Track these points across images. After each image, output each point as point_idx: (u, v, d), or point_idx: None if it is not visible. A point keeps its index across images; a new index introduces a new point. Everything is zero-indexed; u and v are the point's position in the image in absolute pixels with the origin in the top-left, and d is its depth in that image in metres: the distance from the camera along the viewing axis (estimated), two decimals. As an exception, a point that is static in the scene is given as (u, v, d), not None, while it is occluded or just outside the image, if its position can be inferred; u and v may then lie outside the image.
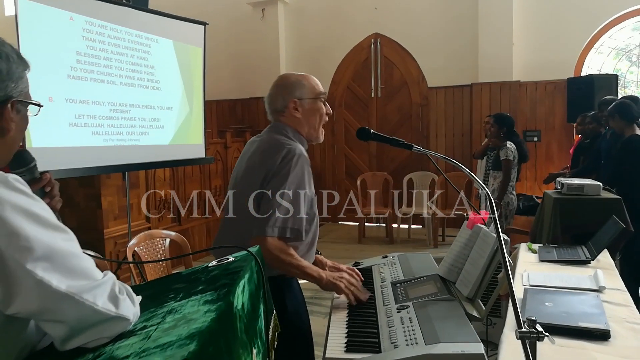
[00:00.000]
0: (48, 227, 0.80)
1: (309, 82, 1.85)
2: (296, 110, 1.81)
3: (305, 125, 1.83)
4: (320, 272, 1.72)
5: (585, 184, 3.18)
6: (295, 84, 1.83)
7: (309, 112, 1.83)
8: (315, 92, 1.84)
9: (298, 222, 1.65)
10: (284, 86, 1.84)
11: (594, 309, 1.86)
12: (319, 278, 1.70)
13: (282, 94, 1.83)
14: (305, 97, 1.82)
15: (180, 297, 0.98)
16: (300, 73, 1.90)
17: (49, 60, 3.43)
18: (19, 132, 0.96)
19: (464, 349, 1.23)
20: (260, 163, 1.71)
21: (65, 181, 4.22)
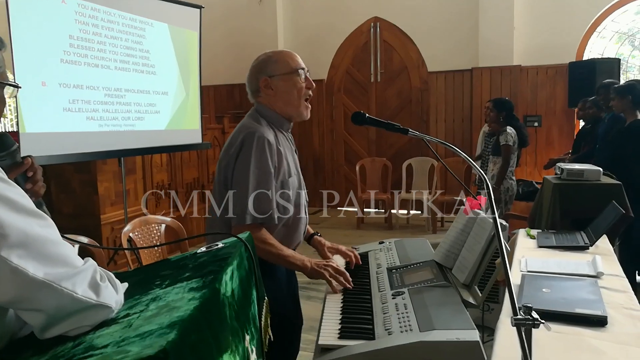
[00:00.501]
0: (23, 212, 0.77)
1: (282, 58, 1.77)
2: (269, 88, 1.76)
3: (281, 102, 1.77)
4: (305, 260, 1.69)
5: (585, 169, 3.15)
6: (266, 61, 1.77)
7: (283, 88, 1.76)
8: (289, 67, 1.76)
9: (265, 204, 1.63)
10: (256, 66, 1.79)
11: (592, 295, 1.84)
12: (303, 267, 1.68)
13: (254, 74, 1.79)
14: (277, 74, 1.75)
15: (166, 284, 0.95)
16: (275, 50, 1.83)
17: (41, 44, 3.38)
18: None
19: (459, 336, 1.20)
20: (223, 156, 1.72)
21: (61, 167, 4.20)
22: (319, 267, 1.68)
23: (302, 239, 1.89)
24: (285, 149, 1.76)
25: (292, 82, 1.76)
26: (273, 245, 1.65)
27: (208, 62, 6.35)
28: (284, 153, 1.73)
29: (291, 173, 1.75)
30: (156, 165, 5.19)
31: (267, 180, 1.65)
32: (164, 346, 0.62)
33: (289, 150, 1.80)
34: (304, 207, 1.84)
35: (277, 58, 1.77)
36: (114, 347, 0.69)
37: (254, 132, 1.66)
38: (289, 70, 1.76)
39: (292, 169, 1.76)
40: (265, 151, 1.64)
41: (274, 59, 1.77)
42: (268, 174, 1.65)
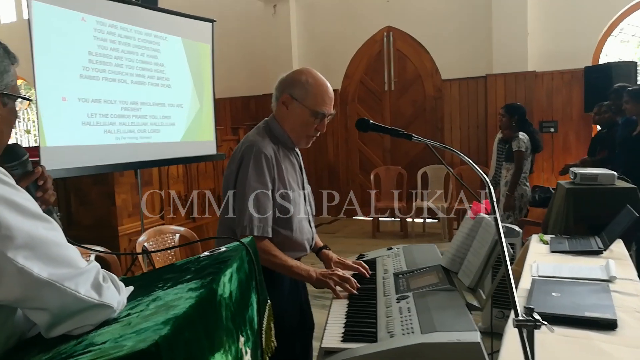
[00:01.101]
0: (29, 216, 0.81)
1: (315, 92, 1.74)
2: (284, 107, 1.77)
3: (288, 126, 1.78)
4: (310, 270, 1.71)
5: (599, 173, 3.11)
6: (300, 83, 1.75)
7: (297, 116, 1.76)
8: (313, 105, 1.74)
9: (264, 218, 1.66)
10: (291, 78, 1.78)
11: (602, 299, 1.82)
12: (309, 277, 1.70)
13: (283, 84, 1.79)
14: (300, 101, 1.74)
15: (168, 286, 0.99)
16: (318, 78, 1.77)
17: (62, 60, 3.50)
18: (7, 125, 0.97)
19: (460, 338, 1.21)
20: (227, 168, 1.77)
21: (80, 179, 4.30)
22: (324, 276, 1.71)
23: (307, 251, 1.89)
24: (287, 164, 1.78)
25: (306, 119, 1.75)
26: (277, 256, 1.68)
27: (223, 74, 6.46)
28: (284, 168, 1.75)
29: (293, 188, 1.77)
30: (172, 177, 5.28)
31: (265, 193, 1.68)
32: (156, 340, 0.65)
33: (291, 166, 1.81)
34: (308, 222, 1.86)
35: (311, 88, 1.74)
36: (111, 343, 0.72)
37: (253, 146, 1.70)
38: (312, 108, 1.74)
39: (294, 185, 1.78)
40: (262, 165, 1.67)
41: (309, 86, 1.74)
42: (265, 186, 1.68)
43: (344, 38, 7.42)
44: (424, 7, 6.89)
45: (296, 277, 1.72)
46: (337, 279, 1.70)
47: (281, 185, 1.73)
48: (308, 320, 1.96)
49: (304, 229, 1.81)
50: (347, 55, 7.45)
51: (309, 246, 1.87)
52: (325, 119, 1.79)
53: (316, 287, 1.71)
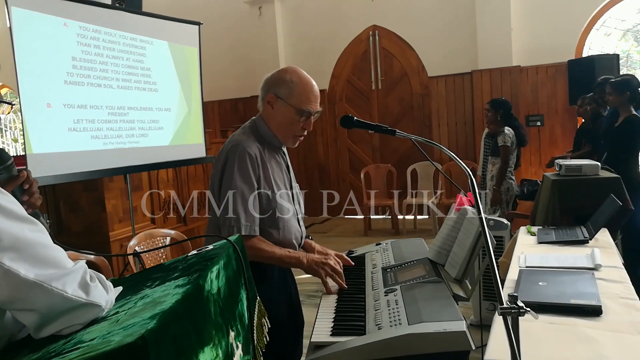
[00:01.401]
0: (15, 218, 0.82)
1: (300, 91, 1.74)
2: (269, 105, 1.77)
3: (275, 125, 1.78)
4: (301, 256, 1.71)
5: (583, 164, 3.16)
6: (285, 82, 1.75)
7: (281, 115, 1.75)
8: (299, 104, 1.73)
9: (250, 217, 1.67)
10: (276, 77, 1.78)
11: (587, 287, 1.86)
12: (299, 263, 1.70)
13: (270, 83, 1.78)
14: (285, 100, 1.74)
15: (156, 284, 1.00)
16: (303, 76, 1.77)
17: (45, 66, 3.48)
18: None
19: (446, 327, 1.24)
20: (213, 167, 1.78)
21: (70, 186, 4.29)
22: (316, 265, 1.70)
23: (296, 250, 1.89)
24: (272, 163, 1.78)
25: (292, 117, 1.75)
26: (263, 249, 1.67)
27: (211, 77, 6.47)
28: (269, 167, 1.75)
29: (280, 187, 1.77)
30: (162, 181, 5.27)
31: (251, 192, 1.68)
32: (143, 334, 0.67)
33: (277, 166, 1.82)
34: (297, 221, 1.86)
35: (296, 86, 1.74)
36: (99, 340, 0.73)
37: (238, 146, 1.70)
38: (297, 107, 1.74)
39: (280, 184, 1.78)
40: (246, 164, 1.68)
41: (294, 85, 1.74)
42: (250, 185, 1.68)
43: (330, 38, 7.44)
44: (409, 5, 6.93)
45: (287, 265, 1.72)
46: (328, 270, 1.71)
47: (267, 185, 1.73)
48: (299, 316, 1.97)
49: (292, 227, 1.81)
50: (334, 55, 7.47)
51: (297, 245, 1.87)
52: (312, 117, 1.79)
53: (307, 272, 1.71)
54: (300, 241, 1.90)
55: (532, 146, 6.40)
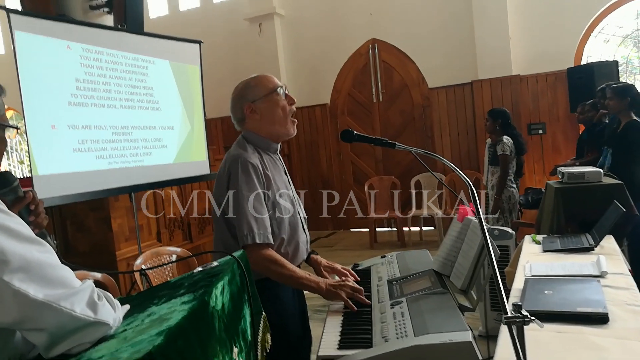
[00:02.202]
0: (23, 240, 0.84)
1: (259, 81, 1.83)
2: (254, 113, 1.81)
3: (269, 124, 1.81)
4: (320, 281, 1.70)
5: (585, 171, 3.16)
6: (245, 88, 1.82)
7: (267, 110, 1.80)
8: (268, 88, 1.81)
9: (261, 224, 1.67)
10: (237, 95, 1.85)
11: (594, 294, 1.85)
12: (318, 289, 1.68)
13: (237, 102, 1.84)
14: (258, 97, 1.80)
15: (162, 301, 1.01)
16: (252, 76, 1.86)
17: (49, 89, 3.53)
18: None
19: (452, 338, 1.24)
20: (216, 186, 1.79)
21: (76, 206, 4.32)
22: (334, 287, 1.69)
23: (305, 256, 1.92)
24: (273, 170, 1.80)
25: (274, 101, 1.81)
26: (284, 267, 1.66)
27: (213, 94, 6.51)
28: (271, 175, 1.77)
29: (282, 193, 1.79)
30: (167, 199, 5.29)
31: (259, 201, 1.69)
32: (150, 350, 0.68)
33: (277, 171, 1.84)
34: (302, 225, 1.88)
35: (254, 83, 1.83)
36: (108, 357, 0.74)
37: (238, 158, 1.72)
38: (269, 90, 1.81)
39: (282, 189, 1.80)
40: (250, 174, 1.69)
41: (252, 84, 1.83)
42: (259, 195, 1.69)
43: (330, 52, 7.51)
44: (407, 18, 7.00)
45: (305, 288, 1.71)
46: (348, 290, 1.69)
47: (272, 192, 1.75)
48: (307, 331, 1.97)
49: (298, 232, 1.82)
50: (334, 69, 7.54)
51: (305, 250, 1.88)
52: (287, 92, 1.85)
53: (327, 298, 1.70)
54: (307, 246, 1.91)
55: (534, 154, 6.41)
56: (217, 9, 8.21)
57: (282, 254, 1.77)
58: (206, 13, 8.25)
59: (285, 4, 7.76)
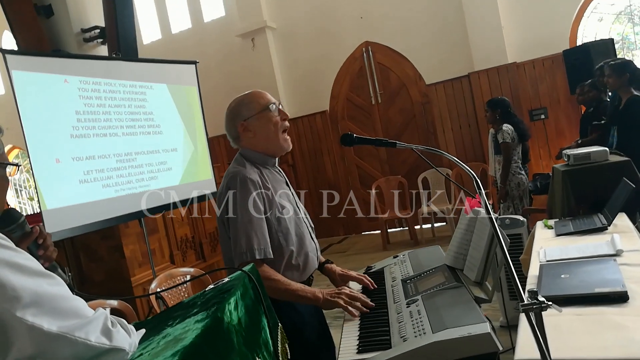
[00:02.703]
0: (32, 274, 0.85)
1: (252, 98, 1.83)
2: (248, 131, 1.81)
3: (263, 141, 1.82)
4: (316, 292, 1.68)
5: (591, 151, 3.13)
6: (238, 106, 1.83)
7: (260, 127, 1.81)
8: (260, 105, 1.82)
9: (261, 240, 1.67)
10: (230, 113, 1.86)
11: (611, 274, 1.83)
12: (315, 299, 1.67)
13: (231, 121, 1.85)
14: (251, 115, 1.81)
15: (177, 322, 1.02)
16: (247, 93, 1.87)
17: (51, 123, 3.57)
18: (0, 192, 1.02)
19: (470, 331, 1.23)
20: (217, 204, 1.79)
21: (87, 236, 4.34)
22: (332, 296, 1.67)
23: (316, 265, 1.91)
24: (273, 184, 1.80)
25: (267, 118, 1.81)
26: (279, 281, 1.66)
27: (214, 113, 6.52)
28: (272, 189, 1.77)
29: (285, 205, 1.78)
30: (177, 221, 5.32)
31: (258, 217, 1.69)
32: (166, 371, 0.68)
33: (278, 184, 1.84)
34: (309, 234, 1.87)
35: (247, 100, 1.84)
36: (126, 382, 0.75)
37: (236, 175, 1.72)
38: (261, 108, 1.81)
39: (285, 202, 1.80)
40: (249, 190, 1.69)
41: (245, 101, 1.84)
42: (257, 210, 1.69)
43: (325, 59, 7.54)
44: (398, 17, 7.01)
45: (302, 300, 1.68)
46: (346, 298, 1.68)
47: (273, 205, 1.74)
48: (328, 340, 1.96)
49: (305, 243, 1.82)
50: (330, 75, 7.56)
51: (316, 258, 1.87)
52: (280, 107, 1.85)
53: (324, 308, 1.69)
54: (317, 254, 1.90)
55: (539, 140, 6.38)
56: (208, 27, 8.27)
57: (293, 265, 1.77)
58: (198, 33, 8.32)
59: (276, 16, 7.82)
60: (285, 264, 1.75)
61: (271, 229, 1.72)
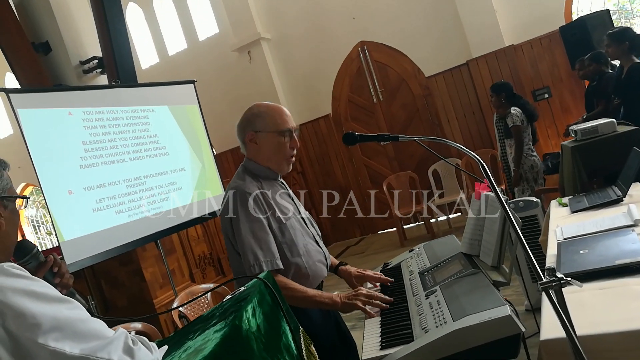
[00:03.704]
0: (50, 301, 0.86)
1: (272, 116, 1.80)
2: (254, 142, 1.81)
3: (265, 157, 1.82)
4: (334, 296, 1.68)
5: (598, 124, 3.11)
6: (256, 116, 1.82)
7: (267, 144, 1.80)
8: (276, 126, 1.79)
9: (267, 251, 1.67)
10: (246, 117, 1.85)
11: (630, 244, 1.81)
12: (333, 304, 1.67)
13: (243, 125, 1.84)
14: (264, 130, 1.79)
15: (197, 335, 1.02)
16: (269, 104, 1.85)
17: (59, 157, 3.62)
18: (12, 225, 1.04)
19: (490, 315, 1.22)
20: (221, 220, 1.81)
21: (106, 264, 4.38)
22: (349, 299, 1.67)
23: (325, 273, 1.89)
24: (275, 195, 1.80)
25: (277, 141, 1.80)
26: (295, 289, 1.66)
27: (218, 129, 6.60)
28: (273, 202, 1.76)
29: (288, 216, 1.78)
30: (193, 239, 5.35)
31: (262, 229, 1.69)
32: (187, 382, 0.69)
33: (280, 196, 1.83)
34: (316, 243, 1.87)
35: (266, 115, 1.81)
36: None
37: (236, 191, 1.73)
38: (277, 130, 1.79)
39: (288, 213, 1.79)
40: (249, 204, 1.70)
41: (264, 115, 1.81)
42: (260, 223, 1.70)
43: (322, 64, 7.56)
44: (390, 14, 7.01)
45: (320, 306, 1.69)
46: (363, 299, 1.68)
47: (275, 218, 1.74)
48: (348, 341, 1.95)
49: (312, 251, 1.81)
50: (330, 79, 7.57)
51: (324, 266, 1.87)
52: (294, 134, 1.83)
53: (343, 312, 1.70)
54: (326, 262, 1.89)
55: (545, 119, 6.33)
56: (204, 46, 8.34)
57: (302, 274, 1.76)
58: (195, 52, 8.39)
59: (269, 27, 7.86)
60: (293, 275, 1.74)
61: (276, 241, 1.72)
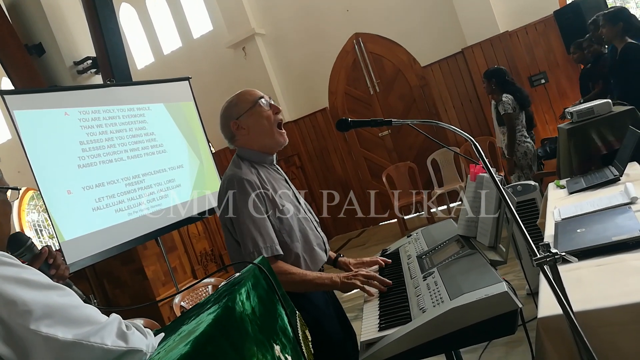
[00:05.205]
0: (41, 288, 0.87)
1: (240, 97, 1.84)
2: (241, 129, 1.82)
3: (258, 137, 1.82)
4: (333, 277, 1.69)
5: (594, 105, 3.10)
6: (229, 107, 1.84)
7: (253, 123, 1.81)
8: (249, 101, 1.82)
9: (267, 237, 1.68)
10: (222, 115, 1.86)
11: (626, 221, 1.81)
12: (333, 284, 1.68)
13: (224, 122, 1.85)
14: (242, 113, 1.81)
15: (191, 320, 1.03)
16: (237, 93, 1.88)
17: (57, 157, 3.63)
18: (4, 216, 1.04)
19: (487, 293, 1.22)
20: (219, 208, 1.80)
21: (108, 263, 4.40)
22: (348, 279, 1.69)
23: (325, 258, 1.89)
24: (272, 182, 1.80)
25: (258, 113, 1.81)
26: (294, 273, 1.67)
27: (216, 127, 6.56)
28: (271, 188, 1.76)
29: (284, 202, 1.78)
30: (194, 236, 5.36)
31: (261, 215, 1.69)
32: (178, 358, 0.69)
33: (277, 182, 1.84)
34: (314, 228, 1.87)
35: (236, 100, 1.85)
36: (143, 377, 0.76)
37: (233, 178, 1.73)
38: (251, 104, 1.82)
39: (285, 199, 1.79)
40: (247, 190, 1.70)
41: (234, 101, 1.85)
42: (258, 209, 1.69)
43: (318, 57, 7.54)
44: (383, 4, 6.99)
45: (320, 288, 1.70)
46: (362, 278, 1.69)
47: (273, 203, 1.74)
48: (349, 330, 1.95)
49: (311, 236, 1.81)
50: (326, 72, 7.56)
51: (323, 251, 1.86)
52: (270, 101, 1.86)
53: (343, 291, 1.70)
54: (325, 247, 1.89)
55: (543, 104, 6.31)
56: (198, 43, 8.33)
57: (302, 260, 1.76)
58: (190, 50, 8.38)
59: (263, 22, 7.84)
60: (293, 261, 1.74)
61: (274, 228, 1.73)
